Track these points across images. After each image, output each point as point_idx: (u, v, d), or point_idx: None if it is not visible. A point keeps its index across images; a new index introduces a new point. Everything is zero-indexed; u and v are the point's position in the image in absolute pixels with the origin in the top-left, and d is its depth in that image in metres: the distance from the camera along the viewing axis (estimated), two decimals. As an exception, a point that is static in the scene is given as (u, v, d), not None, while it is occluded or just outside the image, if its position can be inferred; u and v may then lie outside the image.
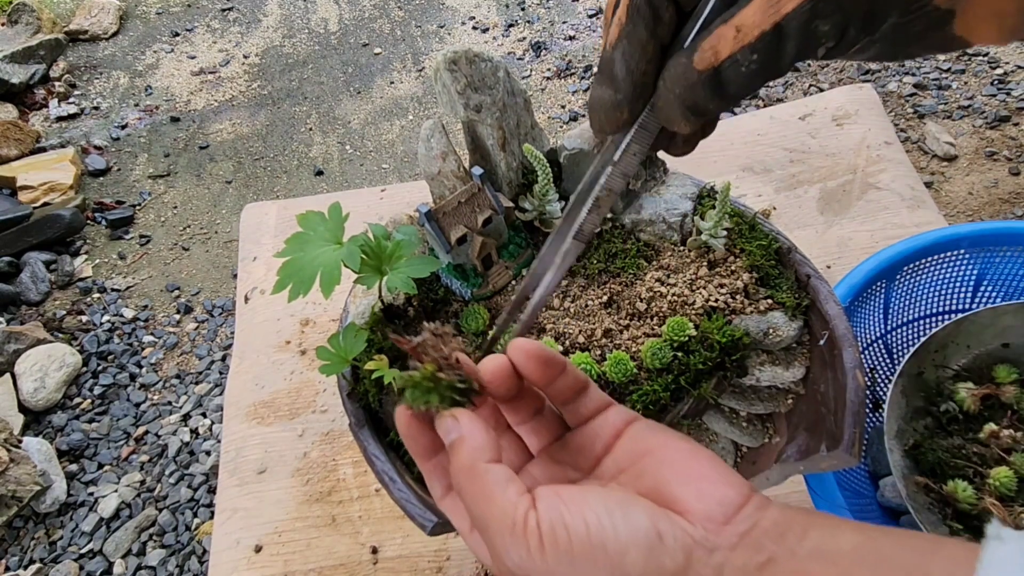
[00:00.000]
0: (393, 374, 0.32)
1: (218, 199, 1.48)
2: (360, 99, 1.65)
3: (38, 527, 0.99)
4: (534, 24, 1.73)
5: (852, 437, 0.30)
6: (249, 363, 0.61)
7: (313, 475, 0.54)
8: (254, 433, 0.57)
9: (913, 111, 1.34)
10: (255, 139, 1.60)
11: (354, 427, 0.35)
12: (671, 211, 0.40)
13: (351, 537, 0.50)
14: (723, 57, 0.19)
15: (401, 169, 1.50)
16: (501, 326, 0.27)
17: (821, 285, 0.36)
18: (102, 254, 1.39)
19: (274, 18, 1.89)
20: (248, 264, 0.69)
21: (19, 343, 1.15)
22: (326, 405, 0.58)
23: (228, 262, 1.35)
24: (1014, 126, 1.26)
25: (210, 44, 1.84)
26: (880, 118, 0.71)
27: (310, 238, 0.32)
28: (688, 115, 0.20)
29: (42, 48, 1.75)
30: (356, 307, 0.38)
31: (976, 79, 1.36)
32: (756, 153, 0.70)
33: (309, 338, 0.62)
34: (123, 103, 1.71)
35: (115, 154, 1.60)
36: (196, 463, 1.05)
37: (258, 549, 0.50)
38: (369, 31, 1.81)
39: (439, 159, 0.37)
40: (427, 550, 0.49)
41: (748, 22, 0.19)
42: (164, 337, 1.23)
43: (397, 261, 0.33)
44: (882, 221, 0.63)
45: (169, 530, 0.98)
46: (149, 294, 1.31)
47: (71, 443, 1.08)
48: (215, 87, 1.73)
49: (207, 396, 1.14)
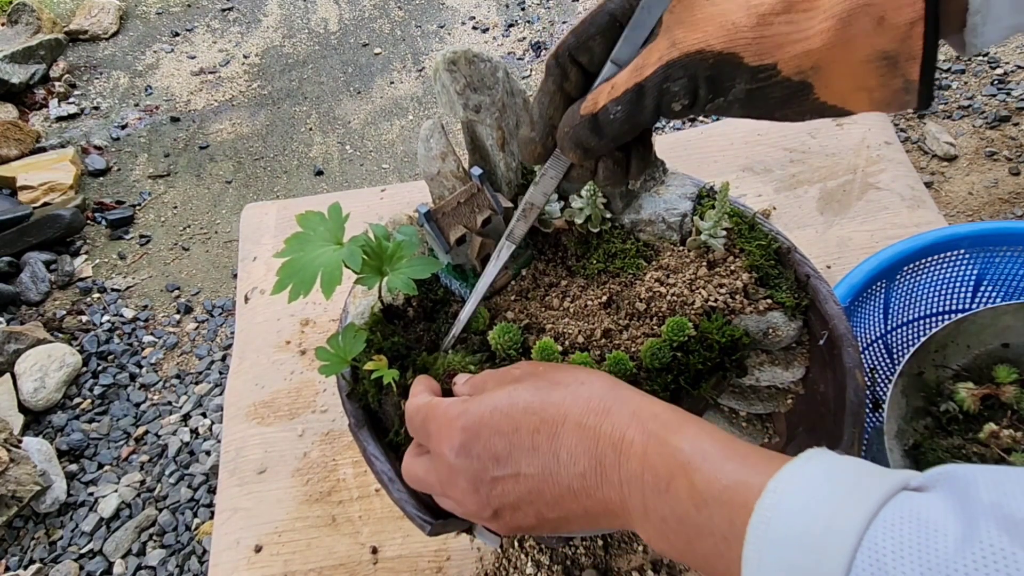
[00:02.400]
0: (392, 374, 0.33)
1: (218, 199, 1.48)
2: (360, 99, 1.65)
3: (38, 527, 0.99)
4: (534, 24, 1.74)
5: (852, 437, 0.30)
6: (249, 363, 0.61)
7: (313, 475, 0.54)
8: (254, 433, 0.57)
9: (913, 111, 1.34)
10: (255, 139, 1.60)
11: (354, 427, 0.35)
12: (670, 211, 0.40)
13: (351, 537, 0.50)
14: (599, 106, 0.25)
15: (401, 169, 1.50)
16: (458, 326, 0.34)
17: (821, 285, 0.36)
18: (102, 254, 1.39)
19: (274, 18, 1.89)
20: (248, 264, 0.69)
21: (19, 343, 1.15)
22: (326, 405, 0.58)
23: (228, 262, 1.35)
24: (1014, 126, 1.26)
25: (210, 44, 1.84)
26: (880, 118, 0.72)
27: (310, 238, 0.32)
28: (574, 147, 0.26)
29: (42, 48, 1.75)
30: (356, 307, 0.38)
31: (976, 79, 1.36)
32: (756, 153, 0.70)
33: (309, 338, 0.62)
34: (123, 103, 1.71)
35: (115, 154, 1.60)
36: (196, 463, 1.05)
37: (258, 549, 0.50)
38: (369, 31, 1.81)
39: (438, 159, 0.37)
40: (427, 550, 0.49)
41: (619, 81, 0.24)
42: (164, 337, 1.23)
43: (398, 262, 0.33)
44: (882, 221, 0.63)
45: (169, 530, 0.99)
46: (149, 294, 1.32)
47: (71, 443, 1.08)
48: (215, 87, 1.73)
49: (207, 396, 1.14)
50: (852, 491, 0.18)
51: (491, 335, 0.34)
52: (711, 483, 0.20)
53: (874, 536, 0.16)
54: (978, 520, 0.15)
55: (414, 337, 0.36)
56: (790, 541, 0.17)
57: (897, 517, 0.16)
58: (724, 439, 0.22)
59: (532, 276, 0.38)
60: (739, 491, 0.19)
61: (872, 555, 0.16)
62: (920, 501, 0.17)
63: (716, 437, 0.22)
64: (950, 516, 0.16)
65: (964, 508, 0.16)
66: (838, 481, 0.18)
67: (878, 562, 0.16)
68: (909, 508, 0.17)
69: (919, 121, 1.32)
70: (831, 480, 0.18)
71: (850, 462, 0.19)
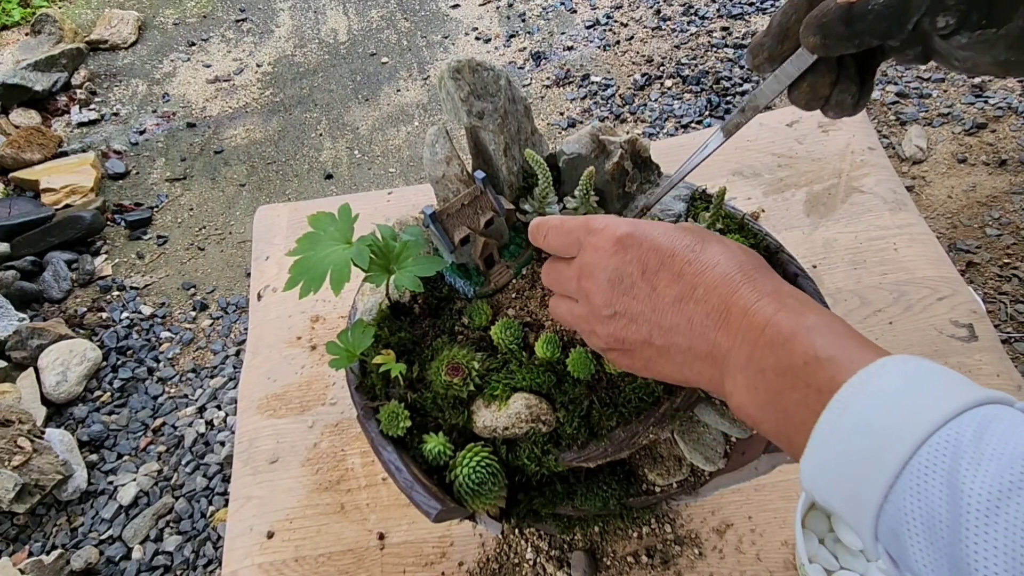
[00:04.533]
0: (399, 368, 0.34)
1: (232, 201, 1.52)
2: (368, 106, 1.68)
3: (60, 514, 1.02)
4: (534, 35, 1.76)
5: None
6: (262, 358, 0.63)
7: (323, 465, 0.55)
8: (266, 425, 0.58)
9: (895, 118, 1.35)
10: (268, 144, 1.64)
11: (362, 419, 0.36)
12: (665, 212, 0.41)
13: (359, 524, 0.52)
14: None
15: (407, 173, 1.52)
16: (653, 199, 0.35)
17: (807, 283, 0.37)
18: (121, 254, 1.43)
19: (286, 29, 1.94)
20: (261, 263, 0.71)
21: (42, 339, 1.18)
22: (335, 398, 0.59)
23: (242, 261, 1.39)
24: (991, 133, 1.27)
25: (225, 53, 1.89)
26: (864, 125, 0.72)
27: (320, 238, 0.33)
28: (819, 34, 0.24)
29: (64, 57, 1.81)
30: (364, 304, 0.39)
31: (955, 88, 1.38)
32: (746, 158, 0.72)
33: (319, 334, 0.64)
34: (141, 109, 1.76)
35: (134, 158, 1.65)
36: (211, 453, 1.07)
37: (270, 535, 0.52)
38: (377, 41, 1.84)
39: (443, 163, 0.38)
40: (432, 536, 0.51)
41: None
42: (180, 333, 1.26)
43: (404, 261, 0.34)
44: (865, 223, 0.64)
45: (185, 517, 1.01)
46: (166, 292, 1.35)
47: (92, 434, 1.11)
48: (229, 94, 1.77)
49: (222, 389, 1.16)
50: (964, 384, 0.18)
51: (493, 331, 0.36)
52: (827, 347, 0.21)
53: (960, 421, 0.17)
54: None
55: (420, 333, 0.38)
56: (880, 401, 0.18)
57: (992, 412, 0.17)
58: (850, 327, 0.23)
59: (532, 275, 0.39)
60: (850, 357, 0.20)
61: (953, 434, 0.17)
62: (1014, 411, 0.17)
63: (844, 322, 0.23)
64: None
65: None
66: (947, 375, 0.19)
67: (957, 438, 0.16)
68: (1006, 411, 0.17)
69: (900, 128, 1.33)
70: (939, 373, 0.19)
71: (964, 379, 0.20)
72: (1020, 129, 1.27)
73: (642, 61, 1.63)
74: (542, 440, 0.35)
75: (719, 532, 0.49)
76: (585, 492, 0.39)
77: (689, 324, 0.25)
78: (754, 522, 0.49)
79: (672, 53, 1.63)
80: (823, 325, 0.22)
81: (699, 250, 0.26)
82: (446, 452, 0.34)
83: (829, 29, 0.24)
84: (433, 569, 0.49)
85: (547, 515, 0.39)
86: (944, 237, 1.15)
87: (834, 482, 0.19)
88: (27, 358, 1.17)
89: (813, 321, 0.22)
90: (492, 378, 0.35)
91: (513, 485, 0.37)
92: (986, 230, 1.15)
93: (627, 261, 0.26)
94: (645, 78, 1.58)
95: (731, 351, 0.24)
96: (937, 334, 0.56)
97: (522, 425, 0.34)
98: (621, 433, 0.34)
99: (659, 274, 0.26)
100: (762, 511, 0.50)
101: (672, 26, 1.70)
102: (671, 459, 0.41)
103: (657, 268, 0.26)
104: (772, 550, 0.48)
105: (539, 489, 0.39)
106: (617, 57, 1.66)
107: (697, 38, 1.65)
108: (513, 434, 0.34)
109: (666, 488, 0.41)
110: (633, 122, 1.50)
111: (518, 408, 0.34)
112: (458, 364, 0.34)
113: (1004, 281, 1.09)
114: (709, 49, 1.62)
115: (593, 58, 1.67)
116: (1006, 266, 1.11)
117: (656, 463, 0.40)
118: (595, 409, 0.35)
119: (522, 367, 0.35)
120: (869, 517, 0.18)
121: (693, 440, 0.38)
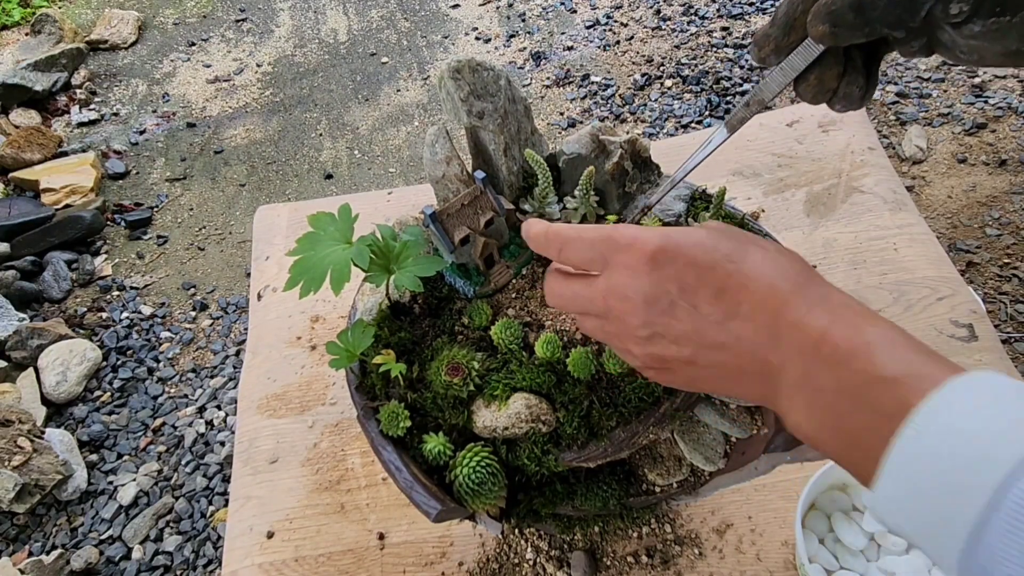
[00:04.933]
0: (399, 368, 0.34)
1: (232, 201, 1.52)
2: (368, 106, 1.69)
3: (60, 514, 1.02)
4: (534, 35, 1.76)
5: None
6: (262, 358, 0.63)
7: (323, 464, 0.56)
8: (266, 425, 0.59)
9: (895, 118, 1.35)
10: (268, 144, 1.64)
11: (362, 419, 0.36)
12: (665, 212, 0.41)
13: (359, 524, 0.52)
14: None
15: (407, 173, 1.53)
16: (657, 196, 0.35)
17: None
18: (121, 254, 1.44)
19: (286, 29, 1.94)
20: (261, 263, 0.71)
21: (42, 338, 1.18)
22: (335, 398, 0.60)
23: (242, 261, 1.39)
24: (991, 133, 1.27)
25: (225, 53, 1.89)
26: (864, 125, 0.72)
27: (320, 238, 0.33)
28: (827, 22, 0.24)
29: (64, 57, 1.81)
30: (364, 304, 0.39)
31: (955, 88, 1.38)
32: (746, 158, 0.72)
33: (319, 334, 0.64)
34: (141, 109, 1.76)
35: (134, 158, 1.65)
36: (211, 453, 1.07)
37: (270, 535, 0.52)
38: (377, 41, 1.85)
39: (443, 163, 0.38)
40: (432, 536, 0.51)
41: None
42: (180, 333, 1.27)
43: (404, 261, 0.34)
44: (865, 223, 0.64)
45: (185, 517, 1.01)
46: (166, 292, 1.35)
47: (92, 434, 1.11)
48: (229, 94, 1.77)
49: (221, 389, 1.16)
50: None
51: (493, 331, 0.36)
52: (891, 364, 0.20)
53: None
54: None
55: (420, 333, 0.38)
56: (958, 426, 0.17)
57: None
58: (911, 337, 0.21)
59: (531, 275, 0.40)
60: (919, 375, 0.19)
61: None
62: None
63: (904, 333, 0.21)
64: None
65: None
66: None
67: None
68: None
69: (900, 128, 1.33)
70: (1019, 391, 0.17)
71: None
72: (1020, 129, 1.27)
73: (642, 61, 1.63)
74: (542, 440, 0.35)
75: (719, 532, 0.49)
76: (585, 492, 0.39)
77: (737, 342, 0.23)
78: (754, 522, 0.49)
79: (672, 53, 1.63)
80: (883, 339, 0.21)
81: (738, 260, 0.24)
82: (446, 452, 0.34)
83: (839, 17, 0.23)
84: (433, 569, 0.49)
85: (547, 515, 0.39)
86: (944, 237, 1.16)
87: (910, 516, 0.18)
88: (27, 358, 1.17)
89: (872, 335, 0.21)
90: (492, 378, 0.35)
91: (513, 485, 0.37)
92: (986, 230, 1.15)
93: (663, 279, 0.24)
94: (645, 78, 1.58)
95: (783, 368, 0.22)
96: (937, 334, 0.56)
97: (522, 425, 0.34)
98: (621, 433, 0.35)
99: (699, 292, 0.24)
100: (762, 511, 0.50)
101: (672, 26, 1.70)
102: (671, 459, 0.41)
103: (696, 285, 0.24)
104: (772, 550, 0.48)
105: (539, 489, 0.39)
106: (617, 57, 1.66)
107: (697, 38, 1.65)
108: (513, 434, 0.34)
109: (666, 488, 0.41)
110: (633, 122, 1.50)
111: (518, 408, 0.34)
112: (458, 364, 0.34)
113: (1004, 281, 1.09)
114: (709, 49, 1.62)
115: (593, 58, 1.68)
116: (1006, 266, 1.11)
117: (656, 463, 0.41)
118: (595, 409, 0.35)
119: (522, 367, 0.35)
120: (952, 554, 0.17)
121: (693, 440, 0.38)
